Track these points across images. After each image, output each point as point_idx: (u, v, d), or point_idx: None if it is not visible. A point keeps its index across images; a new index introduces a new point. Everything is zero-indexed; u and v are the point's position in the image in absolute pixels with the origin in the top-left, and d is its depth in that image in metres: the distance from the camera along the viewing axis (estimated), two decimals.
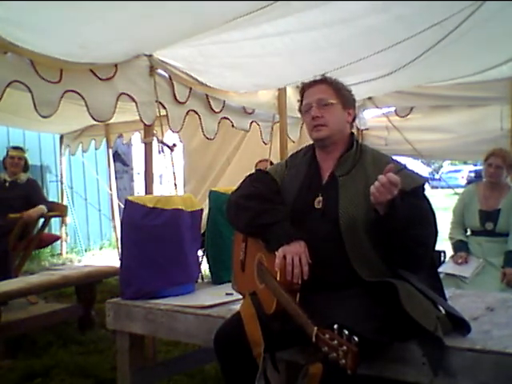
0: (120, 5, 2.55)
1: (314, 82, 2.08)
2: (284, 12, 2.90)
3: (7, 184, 5.00)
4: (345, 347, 1.42)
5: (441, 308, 1.88)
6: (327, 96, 2.03)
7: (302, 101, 2.12)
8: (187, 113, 3.91)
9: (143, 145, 3.74)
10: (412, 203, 1.83)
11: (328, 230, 1.93)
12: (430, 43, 3.46)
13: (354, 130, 2.29)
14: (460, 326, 1.84)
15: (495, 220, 3.80)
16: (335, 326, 1.48)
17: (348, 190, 1.94)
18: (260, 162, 4.61)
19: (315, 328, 1.54)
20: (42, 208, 4.93)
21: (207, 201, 3.10)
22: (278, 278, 1.84)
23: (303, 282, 1.82)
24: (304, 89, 2.11)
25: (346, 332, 1.45)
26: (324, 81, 2.07)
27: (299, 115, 2.19)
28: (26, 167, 5.13)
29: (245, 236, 2.21)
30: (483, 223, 3.84)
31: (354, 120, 2.11)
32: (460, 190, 4.94)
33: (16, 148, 5.15)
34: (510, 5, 2.97)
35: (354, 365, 1.40)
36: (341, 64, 3.63)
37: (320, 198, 2.00)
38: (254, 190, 2.10)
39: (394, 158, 2.11)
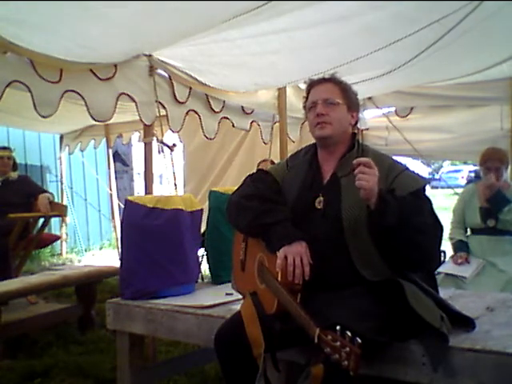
0: (120, 4, 2.55)
1: (323, 80, 2.06)
2: (281, 10, 2.89)
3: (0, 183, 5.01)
4: (347, 348, 1.42)
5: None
6: (334, 95, 2.01)
7: (307, 98, 2.10)
8: (187, 113, 3.91)
9: (143, 145, 3.74)
10: (411, 201, 1.83)
11: (329, 230, 1.92)
12: (430, 41, 3.45)
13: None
14: (464, 324, 1.86)
15: (497, 216, 3.81)
16: (338, 327, 1.48)
17: (350, 190, 1.91)
18: (262, 162, 4.61)
19: (317, 329, 1.54)
20: (47, 195, 4.94)
21: (207, 201, 3.10)
22: (279, 279, 1.84)
23: (304, 283, 1.82)
24: (311, 86, 2.09)
25: (349, 333, 1.45)
26: (332, 80, 2.06)
27: (299, 115, 2.19)
28: (14, 166, 5.14)
29: (245, 236, 2.20)
30: (485, 220, 3.84)
31: (356, 124, 2.09)
32: (460, 190, 4.94)
33: (4, 148, 5.14)
34: (509, 2, 2.97)
35: (357, 366, 1.40)
36: (340, 62, 3.62)
37: (321, 198, 1.99)
38: (255, 189, 2.09)
39: (395, 158, 2.11)
